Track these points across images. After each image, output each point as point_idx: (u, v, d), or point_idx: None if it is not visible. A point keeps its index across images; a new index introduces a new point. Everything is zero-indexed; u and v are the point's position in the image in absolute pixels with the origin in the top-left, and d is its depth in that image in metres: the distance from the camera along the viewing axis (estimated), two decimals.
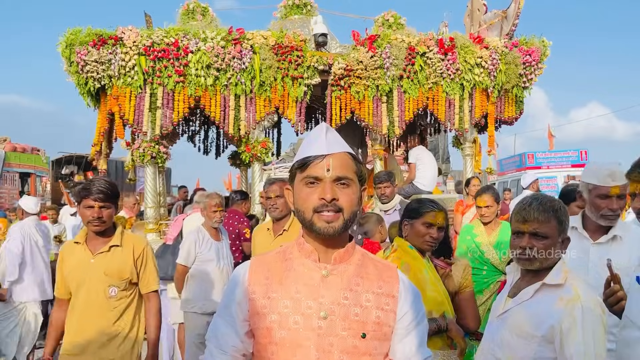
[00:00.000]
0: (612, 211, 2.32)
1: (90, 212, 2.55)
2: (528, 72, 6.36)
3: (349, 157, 1.25)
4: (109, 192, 2.58)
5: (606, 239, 2.37)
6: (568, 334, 1.67)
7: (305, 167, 1.22)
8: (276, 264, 1.28)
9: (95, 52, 5.29)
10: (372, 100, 6.00)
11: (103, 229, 2.62)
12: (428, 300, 2.31)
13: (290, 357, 1.17)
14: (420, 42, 6.04)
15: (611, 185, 2.30)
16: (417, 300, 1.29)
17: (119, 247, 2.66)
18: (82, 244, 2.65)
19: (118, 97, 5.51)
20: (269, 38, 5.68)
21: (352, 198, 1.22)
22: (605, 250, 2.31)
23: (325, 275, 1.22)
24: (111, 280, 2.62)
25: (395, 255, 2.34)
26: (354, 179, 1.24)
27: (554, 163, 13.19)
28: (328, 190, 1.19)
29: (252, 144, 5.88)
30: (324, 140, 1.23)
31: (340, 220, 1.19)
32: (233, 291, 1.30)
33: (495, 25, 7.06)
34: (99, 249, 2.64)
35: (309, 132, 1.34)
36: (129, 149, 6.00)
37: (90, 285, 2.60)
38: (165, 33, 5.50)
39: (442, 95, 6.17)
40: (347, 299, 1.20)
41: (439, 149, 17.28)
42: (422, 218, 2.37)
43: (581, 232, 2.43)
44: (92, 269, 2.60)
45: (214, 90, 5.65)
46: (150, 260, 2.78)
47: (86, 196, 2.54)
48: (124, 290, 2.66)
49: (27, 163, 14.30)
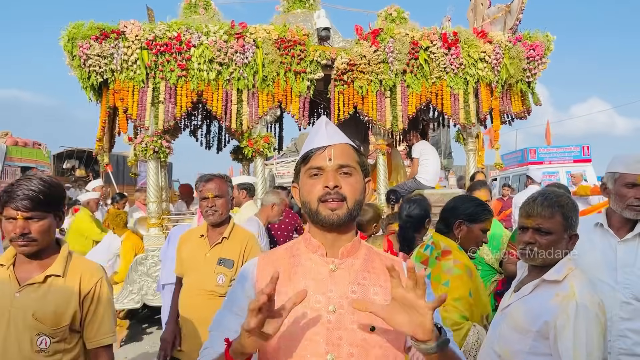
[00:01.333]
0: (639, 200, 2.16)
1: (12, 227, 1.75)
2: (532, 67, 6.33)
3: (350, 147, 1.29)
4: (41, 198, 1.76)
5: (632, 235, 2.21)
6: (562, 330, 1.66)
7: (308, 160, 1.26)
8: (284, 260, 1.30)
9: (98, 46, 5.27)
10: (376, 95, 5.98)
11: (34, 249, 1.80)
12: (485, 304, 2.29)
13: (300, 351, 1.18)
14: (424, 36, 6.01)
15: (639, 173, 2.16)
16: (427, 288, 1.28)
17: (60, 277, 1.83)
18: (7, 268, 1.82)
19: (120, 92, 5.49)
20: (272, 32, 5.66)
21: (356, 187, 1.24)
22: (633, 248, 2.19)
23: (332, 269, 1.24)
24: (42, 327, 1.77)
25: (455, 258, 2.25)
26: (357, 167, 1.27)
27: (556, 158, 13.15)
28: (331, 178, 1.21)
29: (255, 139, 5.87)
30: (324, 133, 1.27)
31: (344, 208, 1.21)
32: (242, 287, 1.30)
33: (498, 20, 7.02)
34: (29, 279, 1.81)
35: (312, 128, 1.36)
36: (131, 144, 6.00)
37: (9, 332, 1.76)
38: (168, 27, 5.47)
39: (447, 90, 6.15)
40: (355, 292, 1.22)
41: (441, 144, 17.24)
42: (483, 224, 2.36)
43: (607, 229, 2.28)
44: (15, 308, 1.77)
45: (217, 84, 5.63)
46: (105, 301, 1.91)
47: (7, 203, 1.76)
48: (59, 341, 1.81)
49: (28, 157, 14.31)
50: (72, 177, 16.35)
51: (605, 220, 2.30)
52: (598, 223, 2.30)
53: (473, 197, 2.61)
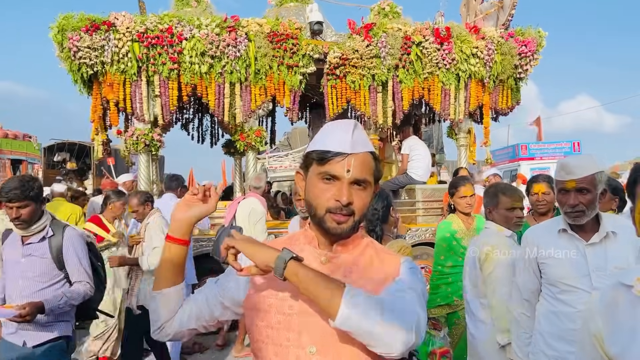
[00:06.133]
0: (571, 207, 2.10)
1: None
2: (523, 63, 6.36)
3: (371, 157, 1.22)
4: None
5: (599, 238, 2.12)
6: None
7: (324, 162, 1.18)
8: None
9: (88, 38, 5.22)
10: (368, 89, 5.98)
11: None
12: None
13: (284, 341, 1.17)
14: (417, 31, 6.02)
15: (566, 179, 2.10)
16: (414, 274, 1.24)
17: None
18: None
19: (111, 84, 5.45)
20: (264, 25, 5.63)
21: (366, 202, 1.21)
22: (602, 250, 2.12)
23: (323, 262, 1.23)
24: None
25: None
26: (371, 181, 1.22)
27: (547, 154, 13.25)
28: (345, 193, 1.16)
29: (247, 133, 5.85)
30: (349, 139, 1.19)
31: (351, 222, 1.19)
32: None
33: (491, 15, 7.05)
34: None
35: (332, 122, 1.29)
36: (121, 137, 5.95)
37: None
38: (159, 19, 5.43)
39: (438, 86, 6.16)
40: None
41: (433, 139, 17.27)
42: None
43: (571, 233, 2.18)
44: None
45: (209, 78, 5.60)
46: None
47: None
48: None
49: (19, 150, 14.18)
50: (63, 170, 16.21)
51: (566, 224, 2.19)
52: (561, 229, 2.20)
53: None
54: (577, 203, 2.09)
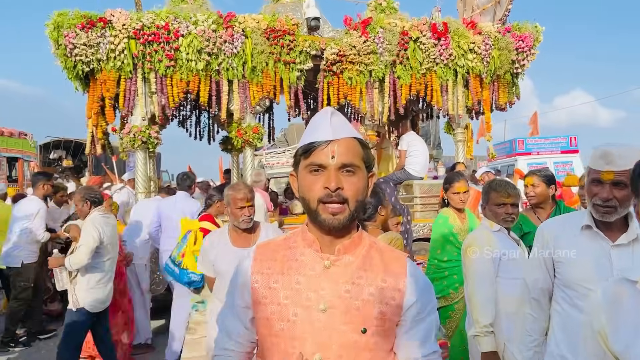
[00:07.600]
0: (602, 200, 1.85)
1: None
2: (520, 58, 6.36)
3: (356, 142, 1.18)
4: None
5: (627, 240, 1.87)
6: None
7: (309, 154, 1.16)
8: (279, 252, 1.25)
9: (84, 35, 5.18)
10: (365, 85, 5.96)
11: None
12: None
13: (289, 349, 1.15)
14: (414, 27, 6.00)
15: (604, 170, 1.84)
16: (427, 291, 1.22)
17: None
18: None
19: (107, 82, 5.41)
20: (261, 22, 5.61)
21: (358, 187, 1.16)
22: (629, 253, 1.86)
23: (327, 266, 1.18)
24: None
25: None
26: (361, 165, 1.18)
27: (544, 149, 13.25)
28: (332, 179, 1.13)
29: (244, 129, 5.84)
30: (328, 125, 1.16)
31: (346, 212, 1.14)
32: (237, 280, 1.28)
33: (488, 11, 7.04)
34: None
35: (313, 117, 1.26)
36: (118, 134, 5.92)
37: None
38: (156, 16, 5.40)
39: (436, 81, 6.15)
40: (348, 292, 1.15)
41: (430, 135, 17.30)
42: None
43: (596, 231, 1.92)
44: None
45: (206, 75, 5.58)
46: None
47: None
48: None
49: (14, 147, 14.06)
50: (59, 168, 16.15)
51: (591, 220, 1.94)
52: (585, 225, 1.95)
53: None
54: (610, 197, 1.83)
